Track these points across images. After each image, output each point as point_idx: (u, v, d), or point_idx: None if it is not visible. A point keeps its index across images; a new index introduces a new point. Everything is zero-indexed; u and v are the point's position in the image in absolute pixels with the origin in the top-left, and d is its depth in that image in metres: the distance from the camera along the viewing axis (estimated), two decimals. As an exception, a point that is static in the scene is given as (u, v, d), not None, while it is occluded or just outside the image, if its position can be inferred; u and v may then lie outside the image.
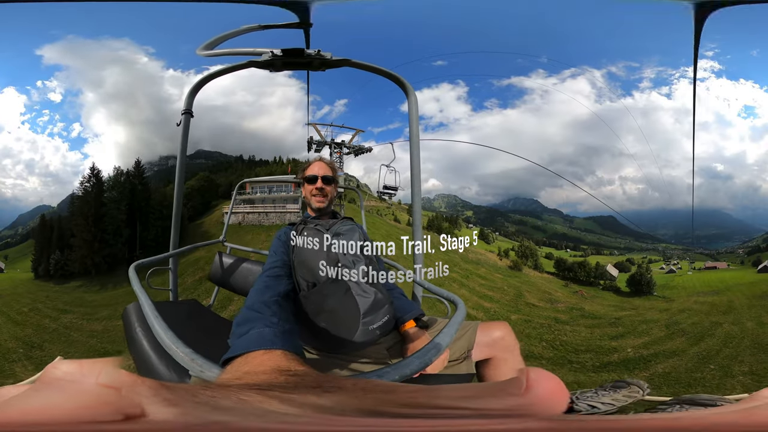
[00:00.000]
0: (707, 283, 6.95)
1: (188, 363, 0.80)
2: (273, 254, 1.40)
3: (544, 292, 6.79)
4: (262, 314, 0.99)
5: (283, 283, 1.25)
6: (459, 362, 1.46)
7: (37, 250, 11.55)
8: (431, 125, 10.83)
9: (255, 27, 2.33)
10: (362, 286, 1.31)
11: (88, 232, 13.30)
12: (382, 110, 9.04)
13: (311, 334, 1.29)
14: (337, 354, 1.35)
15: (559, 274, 7.62)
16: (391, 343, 1.42)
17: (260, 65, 2.10)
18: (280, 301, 1.12)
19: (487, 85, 8.94)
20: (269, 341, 0.87)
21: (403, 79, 2.12)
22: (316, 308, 1.27)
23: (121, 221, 11.70)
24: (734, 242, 8.64)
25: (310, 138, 4.40)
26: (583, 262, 7.89)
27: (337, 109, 10.41)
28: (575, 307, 6.24)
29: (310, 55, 2.05)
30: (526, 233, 9.98)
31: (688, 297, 6.14)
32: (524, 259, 7.81)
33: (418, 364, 0.79)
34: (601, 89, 8.15)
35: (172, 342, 0.85)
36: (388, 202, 10.03)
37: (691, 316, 5.11)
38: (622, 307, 6.23)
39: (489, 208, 10.56)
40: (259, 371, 0.75)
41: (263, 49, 2.07)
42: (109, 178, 12.73)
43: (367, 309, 1.26)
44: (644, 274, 6.89)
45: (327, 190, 1.59)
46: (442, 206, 10.47)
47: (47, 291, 12.08)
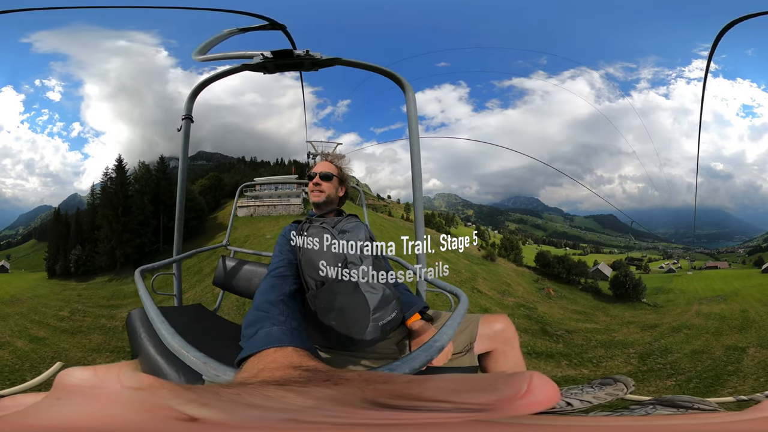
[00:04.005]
0: (710, 285, 6.17)
1: (201, 367, 0.79)
2: (278, 254, 1.38)
3: (503, 283, 6.31)
4: (270, 314, 1.00)
5: (289, 282, 1.24)
6: (462, 355, 1.46)
7: (51, 248, 11.77)
8: (433, 125, 10.79)
9: (235, 30, 2.35)
10: (371, 283, 1.29)
11: (117, 222, 13.56)
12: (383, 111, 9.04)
13: (322, 332, 1.28)
14: (348, 351, 1.34)
15: (538, 269, 7.41)
16: (400, 338, 1.42)
17: (253, 68, 2.09)
18: (287, 300, 1.12)
19: (489, 86, 8.88)
20: (278, 339, 0.88)
21: (399, 75, 2.09)
22: (325, 307, 1.26)
23: (149, 212, 12.00)
24: (735, 242, 8.44)
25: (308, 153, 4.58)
26: (564, 257, 7.47)
27: (340, 109, 10.41)
28: (526, 305, 5.37)
29: (300, 55, 2.02)
30: (526, 231, 9.92)
31: (687, 306, 4.79)
32: (505, 252, 7.68)
33: (425, 357, 0.80)
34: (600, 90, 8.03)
35: (182, 347, 0.84)
36: (385, 201, 10.05)
37: (692, 338, 3.50)
38: (590, 315, 4.94)
39: (489, 207, 10.52)
40: (273, 368, 0.76)
41: (254, 52, 2.05)
42: (135, 171, 12.98)
43: (377, 305, 1.25)
44: (630, 275, 5.98)
45: (324, 185, 1.57)
46: (442, 205, 10.45)
47: (74, 289, 12.04)
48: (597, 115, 6.75)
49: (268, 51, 2.02)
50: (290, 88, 7.49)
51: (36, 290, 10.11)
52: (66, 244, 12.21)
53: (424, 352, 0.81)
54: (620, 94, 6.09)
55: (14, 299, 11.69)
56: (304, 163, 9.31)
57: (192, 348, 0.83)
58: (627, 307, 5.28)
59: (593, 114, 6.89)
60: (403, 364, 0.76)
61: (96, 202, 13.02)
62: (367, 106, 8.45)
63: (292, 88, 7.81)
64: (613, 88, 6.37)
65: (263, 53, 2.03)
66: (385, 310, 1.28)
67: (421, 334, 1.38)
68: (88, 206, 13.72)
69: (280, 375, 0.69)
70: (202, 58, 2.22)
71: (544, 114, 7.68)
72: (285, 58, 2.03)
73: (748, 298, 4.58)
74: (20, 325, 10.17)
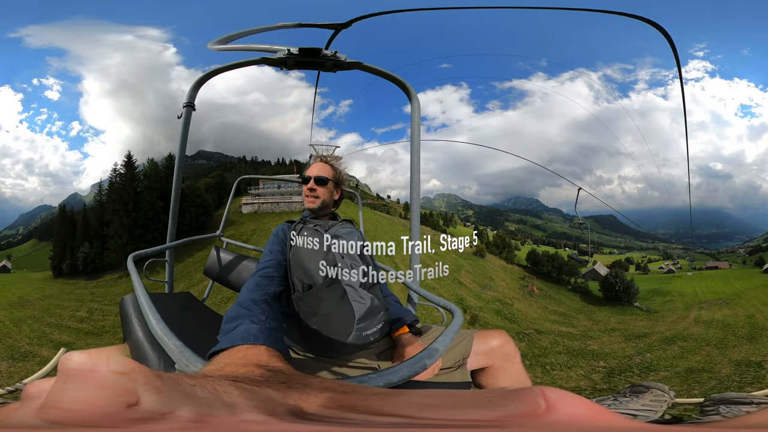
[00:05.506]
0: (710, 287, 5.75)
1: (176, 355, 0.80)
2: (268, 253, 1.36)
3: (486, 277, 6.08)
4: (251, 311, 0.99)
5: (275, 283, 1.23)
6: (452, 370, 1.40)
7: (57, 247, 11.79)
8: (434, 126, 10.77)
9: (291, 24, 2.33)
10: (359, 292, 1.26)
11: (128, 217, 13.70)
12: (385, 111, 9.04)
13: (302, 335, 1.26)
14: (326, 356, 1.31)
15: (529, 267, 7.28)
16: (383, 349, 1.38)
17: (273, 62, 2.06)
18: (270, 301, 1.11)
19: (489, 88, 8.86)
20: (253, 337, 0.88)
21: (408, 84, 2.08)
22: (310, 310, 1.24)
23: (159, 207, 12.11)
24: (735, 242, 8.35)
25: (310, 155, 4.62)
26: (554, 255, 7.30)
27: (342, 110, 10.45)
28: (502, 300, 5.20)
29: (326, 56, 2.00)
30: (525, 232, 9.87)
31: (685, 311, 4.31)
32: (497, 249, 7.61)
33: (407, 372, 0.76)
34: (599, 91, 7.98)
35: (164, 334, 0.85)
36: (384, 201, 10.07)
37: (688, 352, 2.76)
38: (571, 317, 4.51)
39: (489, 208, 10.49)
40: (240, 364, 0.76)
41: (279, 47, 2.03)
42: (144, 167, 13.13)
43: (363, 315, 1.23)
44: (621, 276, 5.67)
45: (319, 191, 1.53)
46: (442, 205, 10.49)
47: (85, 288, 12.02)
48: (596, 116, 6.73)
49: (295, 47, 1.99)
50: (295, 89, 7.53)
51: (44, 290, 10.09)
52: (73, 242, 12.33)
53: (408, 367, 0.77)
54: (618, 95, 6.08)
55: (23, 301, 11.44)
56: (305, 162, 9.42)
57: (173, 336, 0.84)
58: (616, 311, 5.11)
59: (592, 115, 6.88)
60: (379, 377, 0.73)
61: (103, 199, 13.12)
62: (368, 107, 8.47)
63: (296, 88, 7.84)
64: (611, 90, 6.35)
65: (289, 48, 2.00)
66: (372, 320, 1.24)
67: (406, 347, 1.33)
68: (95, 203, 13.82)
69: (243, 372, 0.68)
70: (220, 48, 2.19)
71: (544, 115, 7.66)
72: (311, 56, 2.00)
73: (752, 300, 3.98)
74: (37, 331, 10.02)
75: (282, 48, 2.00)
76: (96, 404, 0.26)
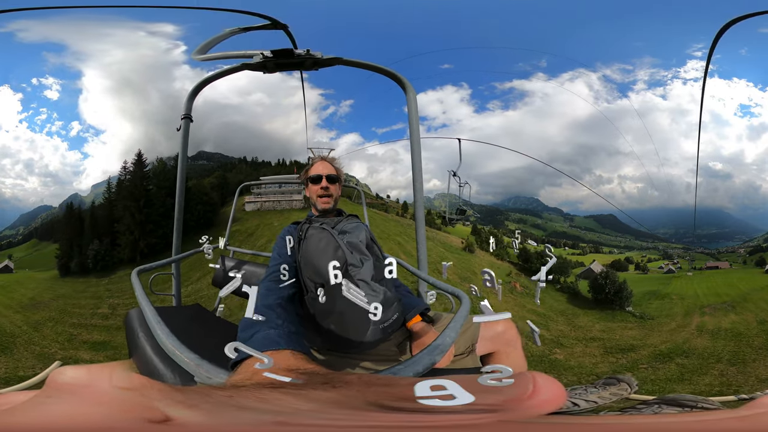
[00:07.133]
0: (713, 289, 5.38)
1: (194, 369, 0.77)
2: (276, 257, 1.35)
3: (469, 271, 5.93)
4: (267, 317, 0.98)
5: (287, 286, 1.22)
6: (464, 356, 1.43)
7: (64, 245, 11.77)
8: (434, 126, 10.75)
9: (236, 30, 2.34)
10: (372, 285, 1.27)
11: (140, 213, 13.89)
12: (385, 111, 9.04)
13: (320, 334, 1.25)
14: (347, 353, 1.31)
15: (518, 264, 7.20)
16: (400, 340, 1.39)
17: (253, 67, 2.06)
18: (284, 304, 1.10)
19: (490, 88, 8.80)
20: (275, 342, 0.86)
21: (400, 74, 2.05)
22: (325, 310, 1.23)
23: (170, 204, 12.21)
24: (735, 242, 8.25)
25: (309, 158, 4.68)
26: (542, 253, 7.15)
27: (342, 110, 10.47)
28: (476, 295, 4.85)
29: (300, 55, 1.99)
30: (525, 231, 9.85)
31: (685, 318, 3.66)
32: (488, 245, 7.60)
33: (428, 360, 0.78)
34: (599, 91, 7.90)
35: (176, 348, 0.83)
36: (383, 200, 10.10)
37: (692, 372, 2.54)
38: (549, 319, 3.71)
39: (490, 207, 10.49)
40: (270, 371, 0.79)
41: (254, 52, 2.02)
42: (153, 165, 13.24)
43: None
44: (612, 277, 5.22)
45: (332, 189, 1.53)
46: (442, 205, 10.49)
47: (98, 285, 11.82)
48: (596, 116, 6.71)
49: (269, 50, 2.01)
50: (299, 89, 7.58)
51: (55, 290, 9.92)
52: (81, 239, 12.45)
53: (428, 355, 0.79)
54: (618, 95, 6.06)
55: (35, 302, 10.90)
56: (304, 163, 9.51)
57: (186, 349, 0.82)
58: (603, 316, 4.59)
59: (592, 115, 6.86)
60: (406, 367, 0.75)
61: (111, 196, 13.29)
62: (369, 107, 8.51)
63: (299, 89, 7.88)
64: (611, 90, 6.33)
65: (263, 52, 2.01)
66: (386, 312, 1.25)
67: (422, 335, 1.35)
68: (104, 200, 13.98)
69: None
70: (201, 58, 2.21)
71: (544, 115, 7.64)
72: (285, 57, 2.00)
73: (760, 303, 3.51)
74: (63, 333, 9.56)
75: (256, 52, 2.00)
76: (89, 419, 0.25)
